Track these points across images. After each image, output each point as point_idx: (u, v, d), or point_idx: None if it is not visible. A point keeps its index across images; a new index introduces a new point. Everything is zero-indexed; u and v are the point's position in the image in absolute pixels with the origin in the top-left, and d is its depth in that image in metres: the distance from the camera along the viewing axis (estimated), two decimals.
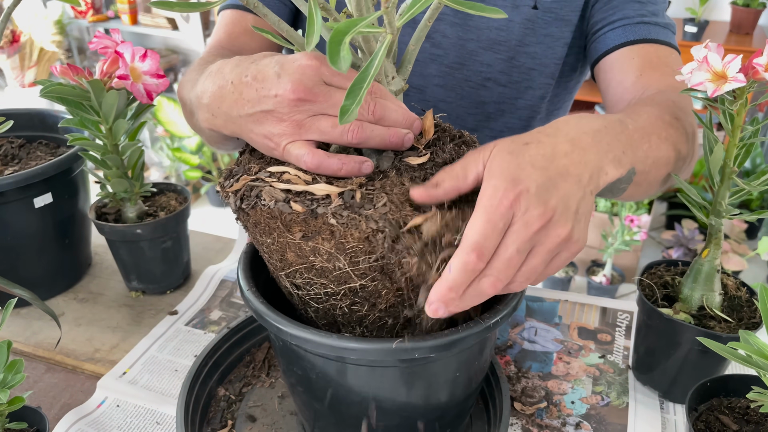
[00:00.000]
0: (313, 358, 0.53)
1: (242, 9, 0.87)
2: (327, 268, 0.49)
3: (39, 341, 0.84)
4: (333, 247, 0.48)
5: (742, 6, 2.72)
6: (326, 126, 0.50)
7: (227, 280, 0.96)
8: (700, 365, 0.69)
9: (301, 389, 0.58)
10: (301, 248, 0.49)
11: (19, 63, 3.07)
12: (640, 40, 0.79)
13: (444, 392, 0.56)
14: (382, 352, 0.48)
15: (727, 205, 0.67)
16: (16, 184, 0.80)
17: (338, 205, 0.47)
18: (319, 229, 0.47)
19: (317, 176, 0.51)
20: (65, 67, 0.75)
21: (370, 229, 0.46)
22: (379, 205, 0.47)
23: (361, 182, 0.50)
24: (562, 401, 0.74)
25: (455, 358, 0.54)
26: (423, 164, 0.53)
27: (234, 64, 0.55)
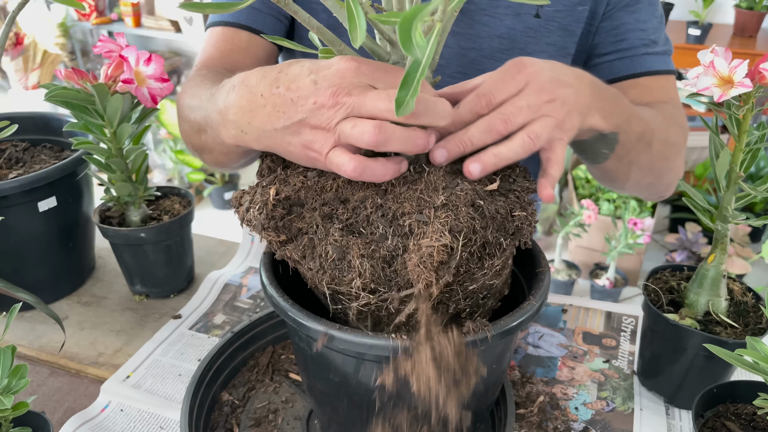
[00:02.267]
0: (346, 359, 0.52)
1: (233, 26, 0.86)
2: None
3: (43, 345, 0.83)
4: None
5: (746, 9, 2.72)
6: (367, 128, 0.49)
7: (231, 284, 0.96)
8: (706, 371, 0.69)
9: (332, 392, 0.57)
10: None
11: (22, 65, 3.08)
12: (644, 73, 0.86)
13: (481, 384, 0.56)
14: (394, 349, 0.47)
15: (733, 210, 0.66)
16: (20, 187, 0.80)
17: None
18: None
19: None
20: (70, 71, 0.75)
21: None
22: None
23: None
24: (567, 407, 0.73)
25: (499, 348, 0.54)
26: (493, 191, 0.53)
27: (260, 75, 0.53)
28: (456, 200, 0.49)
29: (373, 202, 0.50)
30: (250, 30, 0.86)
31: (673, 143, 0.80)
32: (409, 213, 0.48)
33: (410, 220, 0.48)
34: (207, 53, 0.87)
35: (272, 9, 0.87)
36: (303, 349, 0.56)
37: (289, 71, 0.51)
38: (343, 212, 0.50)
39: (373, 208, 0.50)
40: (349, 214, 0.50)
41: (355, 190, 0.52)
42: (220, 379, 0.74)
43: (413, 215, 0.48)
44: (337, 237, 0.49)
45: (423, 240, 0.46)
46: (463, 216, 0.48)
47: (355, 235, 0.49)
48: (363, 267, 0.47)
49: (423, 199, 0.49)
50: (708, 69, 0.59)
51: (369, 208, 0.50)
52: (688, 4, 2.80)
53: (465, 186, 0.50)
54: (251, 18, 0.86)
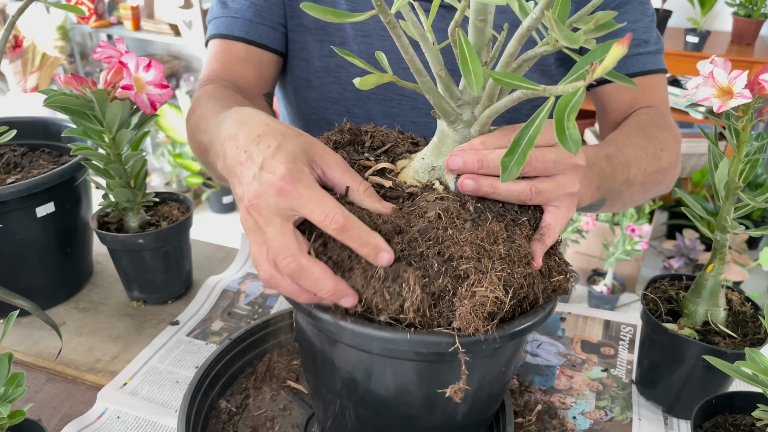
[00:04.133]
0: (353, 352, 0.52)
1: (228, 38, 0.89)
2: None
3: (39, 351, 0.83)
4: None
5: (744, 16, 2.73)
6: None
7: (229, 290, 0.95)
8: (705, 381, 0.69)
9: (338, 388, 0.57)
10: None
11: (21, 68, 3.08)
12: (636, 74, 0.89)
13: (487, 388, 0.56)
14: (428, 345, 0.47)
15: (732, 220, 0.66)
16: (18, 193, 0.80)
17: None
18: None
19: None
20: (69, 77, 0.75)
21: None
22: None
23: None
24: (565, 416, 0.73)
25: (506, 351, 0.54)
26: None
27: (238, 142, 0.53)
28: (514, 255, 0.49)
29: (432, 237, 0.49)
30: (244, 41, 0.89)
31: (667, 167, 0.85)
32: (468, 258, 0.48)
33: (467, 265, 0.48)
34: (210, 67, 0.90)
35: (264, 18, 0.89)
36: (315, 347, 0.56)
37: (251, 153, 0.51)
38: (398, 242, 0.49)
39: (430, 244, 0.49)
40: (403, 246, 0.49)
41: (413, 220, 0.50)
42: (218, 387, 0.74)
43: (471, 261, 0.48)
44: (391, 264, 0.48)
45: (478, 288, 0.46)
46: (518, 272, 0.49)
47: (410, 265, 0.48)
48: (415, 294, 0.46)
49: (483, 248, 0.49)
50: (707, 79, 0.59)
51: (423, 245, 0.49)
52: (686, 11, 2.81)
53: (523, 244, 0.51)
54: (244, 29, 0.89)
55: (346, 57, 0.52)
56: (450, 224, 0.49)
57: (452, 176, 0.54)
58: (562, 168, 0.53)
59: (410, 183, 0.55)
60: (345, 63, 0.90)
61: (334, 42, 0.89)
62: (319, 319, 0.50)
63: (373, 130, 0.62)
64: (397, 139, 0.62)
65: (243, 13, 0.89)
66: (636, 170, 0.79)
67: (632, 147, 0.80)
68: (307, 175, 0.48)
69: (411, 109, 0.91)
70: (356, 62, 0.52)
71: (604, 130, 0.94)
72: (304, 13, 0.89)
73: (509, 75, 0.41)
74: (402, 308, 0.47)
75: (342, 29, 0.88)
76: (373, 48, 0.87)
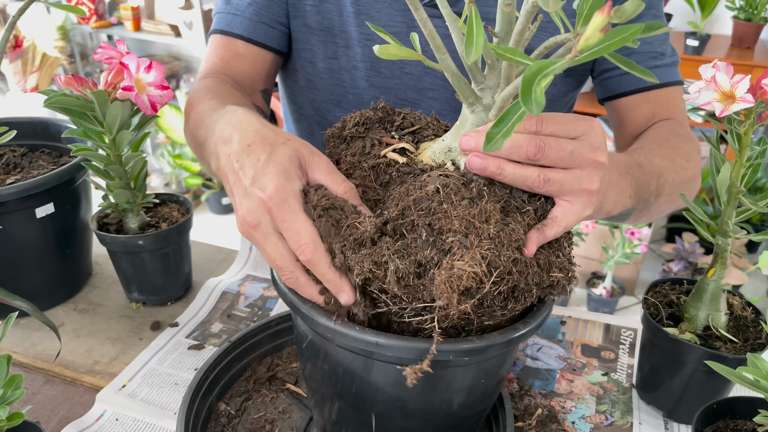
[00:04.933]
0: (344, 354, 0.53)
1: (229, 35, 0.90)
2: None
3: (38, 352, 0.83)
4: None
5: (744, 20, 2.73)
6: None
7: (228, 291, 0.95)
8: (706, 385, 0.69)
9: (327, 387, 0.57)
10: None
11: (21, 68, 3.07)
12: (653, 87, 0.88)
13: (466, 398, 0.56)
14: (415, 351, 0.47)
15: (733, 225, 0.66)
16: (18, 194, 0.80)
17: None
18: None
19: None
20: (70, 77, 0.75)
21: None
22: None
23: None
24: (565, 420, 0.73)
25: (480, 366, 0.54)
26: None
27: (231, 151, 0.55)
28: (504, 238, 0.49)
29: (425, 208, 0.49)
30: (243, 39, 0.90)
31: (692, 177, 0.83)
32: (455, 232, 0.48)
33: (453, 238, 0.47)
34: (210, 61, 0.91)
35: (263, 17, 0.90)
36: (312, 350, 0.56)
37: (242, 164, 0.53)
38: (392, 210, 0.50)
39: (422, 214, 0.49)
40: (397, 213, 0.50)
41: (412, 191, 0.51)
42: (217, 389, 0.73)
43: (458, 235, 0.48)
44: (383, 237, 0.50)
45: (457, 261, 0.46)
46: (505, 255, 0.48)
47: (398, 237, 0.50)
48: (396, 266, 0.47)
49: (473, 225, 0.48)
50: (710, 84, 0.59)
51: (415, 213, 0.49)
52: (686, 14, 2.82)
53: (518, 229, 0.50)
54: (243, 27, 0.90)
55: (378, 33, 0.52)
56: (446, 199, 0.49)
57: (464, 157, 0.53)
58: (580, 161, 0.52)
59: (426, 162, 0.56)
60: (348, 66, 0.90)
61: (338, 44, 0.89)
62: (315, 322, 0.50)
63: (407, 113, 0.63)
64: (429, 123, 0.62)
65: (243, 11, 0.89)
66: (664, 180, 0.77)
67: (660, 157, 0.78)
68: (294, 195, 0.51)
69: None
70: (385, 37, 0.51)
71: (621, 143, 0.93)
72: (307, 13, 0.89)
73: (509, 50, 0.40)
74: (385, 279, 0.47)
75: (347, 31, 0.88)
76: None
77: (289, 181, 0.51)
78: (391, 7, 0.85)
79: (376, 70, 0.89)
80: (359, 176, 0.56)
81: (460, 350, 0.48)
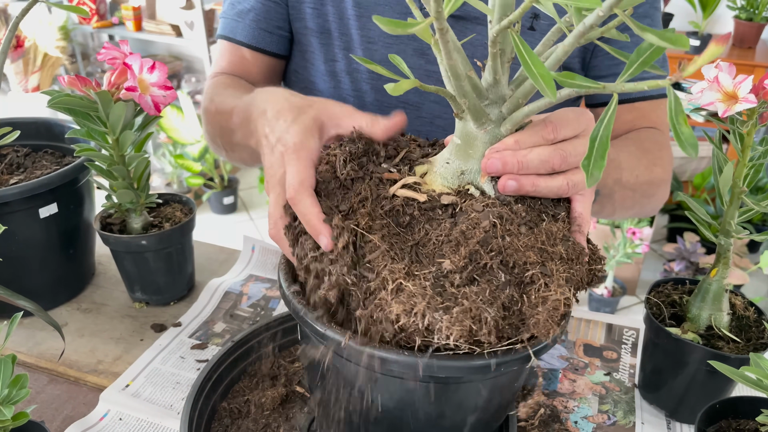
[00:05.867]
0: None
1: (233, 42, 0.93)
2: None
3: (42, 352, 0.83)
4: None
5: (746, 20, 2.73)
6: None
7: (231, 291, 0.95)
8: (708, 385, 0.69)
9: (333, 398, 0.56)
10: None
11: (22, 68, 3.08)
12: (639, 98, 0.89)
13: (478, 414, 0.55)
14: (411, 366, 0.47)
15: (736, 225, 0.66)
16: (21, 194, 0.80)
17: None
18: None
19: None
20: (73, 78, 0.75)
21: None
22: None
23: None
24: (567, 419, 0.73)
25: (490, 382, 0.53)
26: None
27: (268, 121, 0.61)
28: (572, 254, 0.49)
29: (495, 248, 0.47)
30: (247, 47, 0.92)
31: (658, 182, 0.86)
32: (533, 263, 0.47)
33: (534, 270, 0.47)
34: (219, 65, 0.95)
35: (261, 23, 0.92)
36: (322, 364, 0.54)
37: (273, 127, 0.59)
38: (455, 258, 0.48)
39: (493, 255, 0.47)
40: (465, 261, 0.47)
41: (469, 231, 0.49)
42: (220, 389, 0.74)
43: (537, 266, 0.47)
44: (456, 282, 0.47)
45: (547, 293, 0.46)
46: (576, 269, 0.49)
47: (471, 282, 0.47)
48: (489, 316, 0.45)
49: (546, 251, 0.48)
50: (712, 84, 0.59)
51: (486, 256, 0.47)
52: (687, 14, 2.82)
53: (575, 240, 0.50)
54: (244, 33, 0.92)
55: (365, 64, 0.52)
56: (507, 232, 0.48)
57: (488, 179, 0.52)
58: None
59: (440, 190, 0.53)
60: (349, 68, 0.90)
61: (339, 46, 0.89)
62: (329, 339, 0.49)
63: (386, 141, 0.60)
64: (409, 143, 0.60)
65: (244, 17, 0.91)
66: (628, 174, 0.80)
67: (627, 153, 0.81)
68: (307, 149, 0.54)
69: (415, 117, 0.92)
70: (378, 69, 0.51)
71: None
72: (308, 15, 0.89)
73: (571, 75, 0.41)
74: (481, 331, 0.45)
75: (347, 34, 0.88)
76: (377, 55, 0.87)
77: (310, 137, 0.55)
78: (393, 11, 0.85)
79: (377, 73, 0.89)
80: (380, 226, 0.51)
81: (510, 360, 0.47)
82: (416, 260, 0.49)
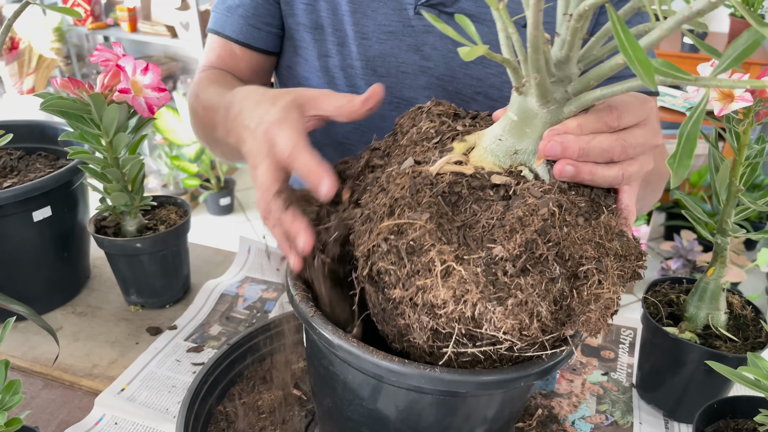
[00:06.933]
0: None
1: (223, 37, 0.92)
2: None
3: (36, 356, 0.83)
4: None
5: (741, 17, 2.73)
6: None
7: (227, 294, 0.95)
8: (706, 384, 0.68)
9: (336, 407, 0.56)
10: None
11: (17, 70, 3.07)
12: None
13: (509, 408, 0.55)
14: (421, 378, 0.46)
15: (732, 224, 0.66)
16: (15, 197, 0.79)
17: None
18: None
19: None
20: (66, 80, 0.75)
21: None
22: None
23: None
24: (565, 420, 0.73)
25: (502, 396, 0.52)
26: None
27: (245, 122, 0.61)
28: (626, 250, 0.47)
29: (553, 238, 0.45)
30: (237, 42, 0.92)
31: (666, 175, 0.85)
32: (589, 258, 0.45)
33: (589, 266, 0.45)
34: (208, 58, 0.94)
35: (249, 19, 0.91)
36: (334, 374, 0.53)
37: (252, 116, 0.59)
38: (508, 245, 0.45)
39: (550, 246, 0.45)
40: (520, 249, 0.44)
41: (526, 218, 0.46)
42: (216, 392, 0.73)
43: (593, 261, 0.45)
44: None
45: (600, 290, 0.44)
46: (628, 267, 0.46)
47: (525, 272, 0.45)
48: (539, 308, 0.43)
49: (603, 246, 0.46)
50: None
51: (543, 247, 0.44)
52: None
53: (630, 236, 0.48)
54: (233, 29, 0.91)
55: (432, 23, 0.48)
56: (565, 222, 0.45)
57: (543, 162, 0.49)
58: (645, 149, 0.52)
59: (490, 168, 0.50)
60: (343, 64, 0.90)
61: (332, 42, 0.89)
62: (336, 346, 0.48)
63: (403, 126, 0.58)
64: (440, 116, 0.56)
65: (234, 12, 0.91)
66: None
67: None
68: (291, 120, 0.55)
69: None
70: (447, 31, 0.46)
71: None
72: (301, 11, 0.88)
73: (670, 65, 0.38)
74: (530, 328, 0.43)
75: (341, 29, 0.88)
76: (371, 51, 0.87)
77: (291, 112, 0.56)
78: (387, 6, 0.85)
79: (371, 69, 0.89)
80: (427, 204, 0.47)
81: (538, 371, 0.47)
82: (464, 243, 0.46)
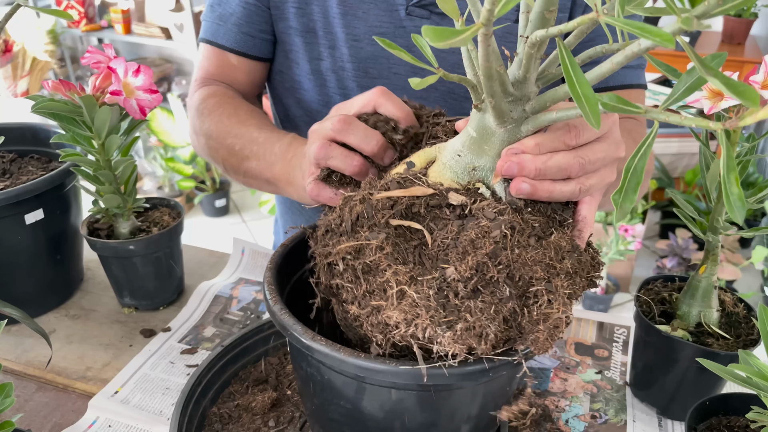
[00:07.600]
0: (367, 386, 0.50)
1: (216, 46, 0.92)
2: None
3: (30, 359, 0.82)
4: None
5: (735, 16, 2.74)
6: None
7: (221, 295, 0.95)
8: (699, 382, 0.69)
9: (325, 412, 0.56)
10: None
11: (11, 72, 3.06)
12: (618, 87, 0.88)
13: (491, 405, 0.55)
14: (408, 376, 0.46)
15: (724, 222, 0.66)
16: (7, 200, 0.79)
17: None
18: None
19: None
20: (57, 82, 0.75)
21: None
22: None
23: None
24: (559, 419, 0.73)
25: (482, 387, 0.53)
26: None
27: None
28: (578, 268, 0.47)
29: (504, 261, 0.46)
30: (231, 51, 0.92)
31: (650, 169, 0.87)
32: (539, 279, 0.46)
33: (539, 287, 0.45)
34: (204, 69, 0.94)
35: (242, 27, 0.92)
36: (312, 375, 0.54)
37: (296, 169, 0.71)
38: (460, 267, 0.46)
39: (501, 268, 0.46)
40: (471, 272, 0.45)
41: (478, 240, 0.47)
42: (210, 394, 0.73)
43: (542, 282, 0.45)
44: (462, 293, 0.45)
45: (549, 310, 0.45)
46: (580, 284, 0.47)
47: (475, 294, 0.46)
48: (490, 331, 0.44)
49: (553, 267, 0.46)
50: None
51: (494, 270, 0.45)
52: None
53: (584, 254, 0.49)
54: (227, 38, 0.91)
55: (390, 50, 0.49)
56: (517, 244, 0.46)
57: (500, 180, 0.50)
58: (606, 162, 0.52)
59: (449, 185, 0.51)
60: (335, 67, 0.90)
61: (324, 45, 0.89)
62: (314, 350, 0.48)
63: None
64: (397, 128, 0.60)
65: (226, 20, 0.91)
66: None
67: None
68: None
69: None
70: (403, 56, 0.48)
71: None
72: (291, 15, 0.88)
73: (622, 100, 0.39)
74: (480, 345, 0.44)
75: (332, 32, 0.88)
76: (363, 53, 0.87)
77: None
78: (378, 8, 0.85)
79: (363, 71, 0.89)
80: (387, 226, 0.48)
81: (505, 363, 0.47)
82: (419, 262, 0.48)
